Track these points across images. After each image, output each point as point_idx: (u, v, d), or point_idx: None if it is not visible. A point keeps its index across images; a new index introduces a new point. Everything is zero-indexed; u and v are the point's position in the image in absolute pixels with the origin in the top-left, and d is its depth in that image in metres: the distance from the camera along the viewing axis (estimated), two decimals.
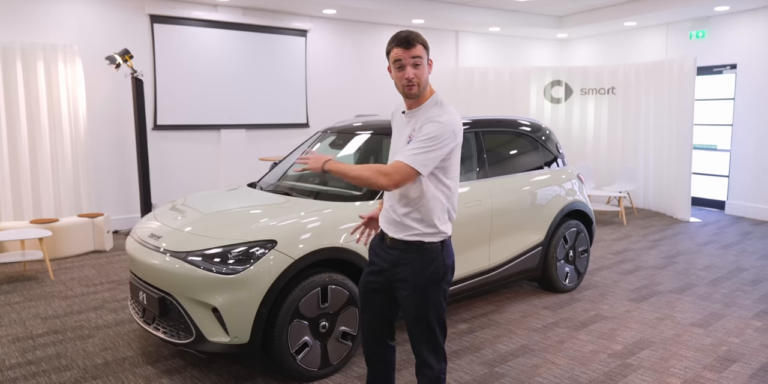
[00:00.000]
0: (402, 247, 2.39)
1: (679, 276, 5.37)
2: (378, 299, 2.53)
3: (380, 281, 2.49)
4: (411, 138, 2.32)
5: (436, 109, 2.33)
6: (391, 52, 2.30)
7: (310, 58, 8.44)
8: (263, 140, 8.18)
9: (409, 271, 2.38)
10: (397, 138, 2.46)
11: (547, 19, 9.67)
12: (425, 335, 2.42)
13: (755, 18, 7.93)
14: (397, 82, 2.33)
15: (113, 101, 7.04)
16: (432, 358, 2.43)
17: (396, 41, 2.28)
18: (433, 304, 2.39)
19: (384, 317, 2.58)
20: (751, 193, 8.13)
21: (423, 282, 2.37)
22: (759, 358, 3.60)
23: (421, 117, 2.34)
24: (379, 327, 2.59)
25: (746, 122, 8.12)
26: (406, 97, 2.36)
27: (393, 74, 2.33)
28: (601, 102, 8.97)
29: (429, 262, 2.37)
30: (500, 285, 4.44)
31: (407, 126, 2.39)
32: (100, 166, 7.01)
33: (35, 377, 3.35)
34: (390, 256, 2.43)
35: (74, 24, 6.71)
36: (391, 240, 2.43)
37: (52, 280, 5.21)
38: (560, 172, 4.90)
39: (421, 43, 2.29)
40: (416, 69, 2.28)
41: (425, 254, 2.37)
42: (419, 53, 2.27)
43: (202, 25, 7.47)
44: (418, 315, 2.40)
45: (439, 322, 2.42)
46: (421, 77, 2.29)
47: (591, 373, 3.41)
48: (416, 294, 2.38)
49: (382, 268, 2.47)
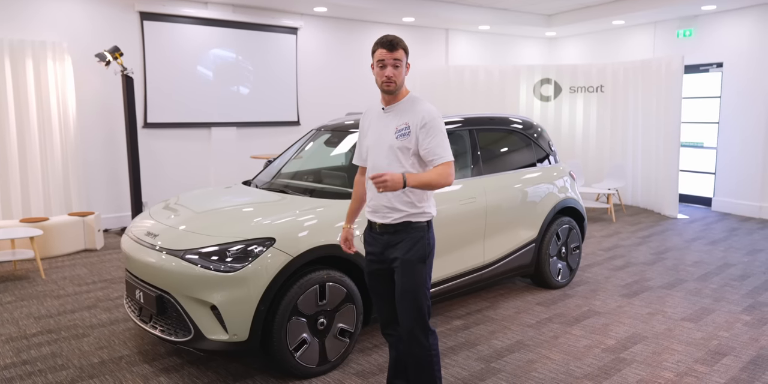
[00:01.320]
0: (391, 230, 2.64)
1: (669, 272, 5.45)
2: (383, 283, 2.76)
3: (379, 267, 2.73)
4: (402, 129, 2.59)
5: (418, 104, 2.64)
6: (376, 52, 2.59)
7: (301, 56, 8.42)
8: (254, 138, 8.16)
9: (399, 249, 2.63)
10: (380, 128, 2.68)
11: (536, 18, 9.73)
12: (413, 310, 2.62)
13: (741, 17, 8.04)
14: (377, 79, 2.62)
15: (103, 99, 6.99)
16: (421, 334, 2.64)
17: (381, 43, 2.57)
18: (420, 280, 2.62)
19: (391, 299, 2.76)
20: (737, 190, 8.25)
21: (410, 258, 2.61)
22: (749, 352, 3.67)
23: (405, 110, 2.63)
24: (389, 310, 2.79)
25: (732, 120, 8.23)
26: (384, 92, 2.64)
27: (375, 72, 2.62)
28: (589, 100, 9.05)
29: (416, 241, 2.62)
30: (494, 281, 4.48)
31: (389, 119, 2.65)
32: (89, 165, 6.95)
33: (31, 377, 3.33)
34: (382, 240, 2.68)
35: (64, 21, 6.65)
36: (380, 226, 2.67)
37: (44, 279, 5.18)
38: (552, 169, 4.95)
39: (402, 47, 2.59)
40: (395, 69, 2.57)
41: (412, 233, 2.63)
42: (400, 56, 2.57)
43: (192, 23, 7.43)
44: (406, 289, 2.62)
45: (425, 298, 2.64)
46: (398, 77, 2.59)
47: (586, 367, 3.46)
48: (405, 269, 2.62)
49: (377, 252, 2.71)
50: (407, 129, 2.58)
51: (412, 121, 2.58)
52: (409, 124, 2.58)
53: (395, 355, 2.88)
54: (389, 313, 2.80)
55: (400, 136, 2.59)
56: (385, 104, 2.69)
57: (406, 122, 2.59)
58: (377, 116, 2.72)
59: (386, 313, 2.81)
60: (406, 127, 2.58)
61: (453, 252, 4.02)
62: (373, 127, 2.72)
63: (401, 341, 2.76)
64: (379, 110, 2.71)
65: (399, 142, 2.58)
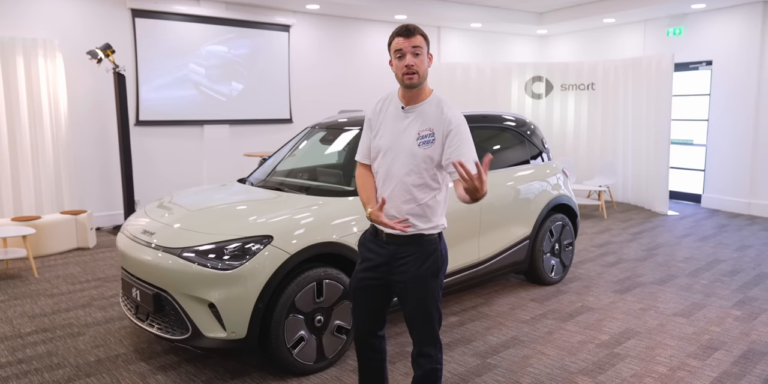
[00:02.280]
0: (399, 241, 2.40)
1: (660, 268, 5.51)
2: (372, 294, 2.53)
3: (376, 277, 2.48)
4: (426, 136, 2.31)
5: (445, 107, 2.35)
6: (393, 43, 2.32)
7: (294, 54, 8.41)
8: (247, 136, 8.15)
9: (409, 263, 2.39)
10: (398, 130, 2.38)
11: (528, 16, 9.77)
12: (424, 326, 2.45)
13: (730, 16, 8.12)
14: (397, 73, 2.32)
15: (95, 96, 6.95)
16: (430, 348, 2.47)
17: (397, 32, 2.31)
18: (432, 295, 2.43)
19: (377, 310, 2.59)
20: (726, 186, 8.35)
21: (423, 274, 2.39)
22: (740, 346, 3.73)
23: (429, 113, 2.34)
24: (372, 320, 2.60)
25: (721, 117, 8.32)
26: (406, 87, 2.33)
27: (394, 65, 2.33)
28: (581, 97, 9.11)
29: (428, 254, 2.40)
30: (489, 278, 4.51)
31: (411, 121, 2.37)
32: (81, 163, 6.92)
33: (27, 376, 3.32)
34: (386, 250, 2.43)
35: (55, 18, 6.60)
36: (387, 235, 2.42)
37: (37, 278, 5.15)
38: (546, 166, 4.99)
39: (421, 34, 2.30)
40: (416, 58, 2.28)
41: (424, 246, 2.40)
42: (419, 43, 2.28)
43: (184, 20, 7.40)
44: (418, 306, 2.43)
45: (437, 313, 2.46)
46: (420, 66, 2.28)
47: (580, 362, 3.50)
48: (416, 286, 2.40)
49: (377, 263, 2.46)
50: (431, 136, 2.30)
51: (438, 128, 2.31)
52: (434, 131, 2.31)
53: (377, 367, 2.67)
54: (373, 322, 2.59)
55: (423, 144, 2.31)
56: (405, 103, 2.37)
57: (431, 128, 2.31)
58: (395, 115, 2.41)
59: (369, 322, 2.59)
60: (430, 133, 2.31)
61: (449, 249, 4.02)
62: (388, 127, 2.41)
63: (377, 352, 2.64)
64: (398, 108, 2.40)
65: (422, 151, 2.31)
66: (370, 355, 2.67)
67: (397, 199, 2.39)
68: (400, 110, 2.40)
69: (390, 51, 2.35)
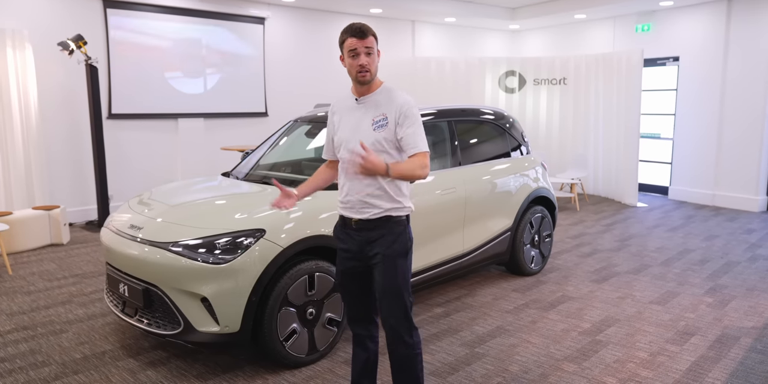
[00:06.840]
0: (370, 225, 2.54)
1: (634, 257, 5.68)
2: (357, 281, 2.65)
3: (356, 264, 2.61)
4: (380, 120, 2.50)
5: (394, 94, 2.54)
6: (346, 42, 2.47)
7: (269, 47, 8.34)
8: (222, 129, 8.06)
9: (379, 245, 2.53)
10: (355, 121, 2.56)
11: (501, 11, 9.88)
12: (397, 308, 2.54)
13: (697, 13, 8.36)
14: (350, 70, 2.50)
15: (66, 89, 6.78)
16: (406, 333, 2.56)
17: (351, 32, 2.45)
18: (402, 275, 2.55)
19: (365, 297, 2.68)
20: (692, 179, 8.62)
21: (392, 253, 2.53)
22: (714, 331, 3.89)
23: (381, 101, 2.53)
24: (362, 306, 2.70)
25: (688, 112, 8.58)
26: (359, 83, 2.52)
27: (346, 62, 2.50)
28: (553, 92, 9.27)
29: (397, 235, 2.55)
30: (471, 269, 4.59)
31: (365, 111, 2.54)
32: (53, 157, 6.75)
33: (12, 374, 3.26)
34: (359, 236, 2.57)
35: (24, 8, 6.40)
36: (357, 222, 2.56)
37: (11, 275, 5.02)
38: (525, 159, 5.08)
39: (372, 34, 2.48)
40: (368, 57, 2.47)
41: (393, 228, 2.55)
42: (371, 44, 2.47)
43: (157, 11, 7.26)
44: (389, 285, 2.53)
45: (408, 294, 2.57)
46: (372, 65, 2.48)
47: (565, 349, 3.60)
48: (387, 265, 2.53)
49: (353, 251, 2.59)
50: (384, 120, 2.49)
51: (390, 112, 2.49)
52: (387, 115, 2.49)
53: (365, 355, 2.75)
54: (360, 311, 2.70)
55: (378, 128, 2.49)
56: (358, 95, 2.57)
57: (383, 113, 2.50)
58: (349, 108, 2.59)
59: (357, 311, 2.71)
60: (383, 117, 2.49)
61: (435, 241, 4.10)
62: (345, 120, 2.60)
63: (373, 340, 2.73)
64: (351, 102, 2.59)
65: (377, 134, 2.49)
66: (363, 341, 2.74)
67: (360, 181, 2.51)
68: (354, 103, 2.59)
69: (342, 49, 2.50)
